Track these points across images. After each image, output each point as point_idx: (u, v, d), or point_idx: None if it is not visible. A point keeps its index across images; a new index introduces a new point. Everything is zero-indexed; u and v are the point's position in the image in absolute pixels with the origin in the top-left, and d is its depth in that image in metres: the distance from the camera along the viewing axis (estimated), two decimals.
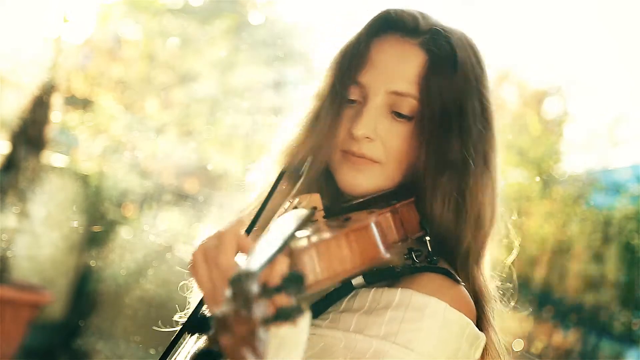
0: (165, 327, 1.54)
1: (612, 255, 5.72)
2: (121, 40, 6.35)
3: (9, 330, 4.85)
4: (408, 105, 1.35)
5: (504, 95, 6.84)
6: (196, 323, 0.86)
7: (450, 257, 1.35)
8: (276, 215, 1.31)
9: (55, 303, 5.43)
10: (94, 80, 6.11)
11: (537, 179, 5.97)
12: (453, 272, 1.32)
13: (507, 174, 6.19)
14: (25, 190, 5.27)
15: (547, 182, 6.06)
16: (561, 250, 5.81)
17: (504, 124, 6.62)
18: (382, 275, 1.30)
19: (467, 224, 1.34)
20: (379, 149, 1.35)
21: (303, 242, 1.11)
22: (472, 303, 1.31)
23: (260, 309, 0.86)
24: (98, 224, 5.75)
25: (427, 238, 1.32)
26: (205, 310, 1.19)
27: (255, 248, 1.05)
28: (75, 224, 5.70)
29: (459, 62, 1.36)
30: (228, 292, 0.88)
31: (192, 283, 1.48)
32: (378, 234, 1.15)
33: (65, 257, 5.69)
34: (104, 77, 6.18)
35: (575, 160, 6.48)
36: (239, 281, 0.89)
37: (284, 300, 0.90)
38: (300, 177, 1.31)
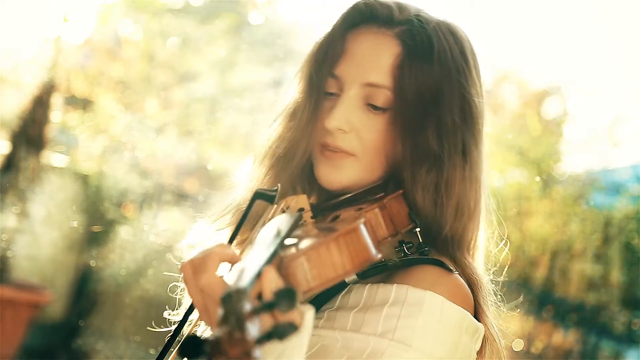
0: (164, 327, 1.54)
1: (612, 255, 5.72)
2: (121, 40, 6.34)
3: (9, 330, 4.85)
4: (383, 97, 1.33)
5: (504, 95, 6.84)
6: (190, 346, 0.84)
7: (435, 244, 1.34)
8: (262, 221, 1.29)
9: (55, 303, 5.42)
10: (94, 80, 6.11)
11: (537, 179, 5.97)
12: (445, 261, 1.31)
13: (507, 174, 6.19)
14: (25, 190, 5.27)
15: (547, 182, 6.05)
16: (561, 250, 5.80)
17: (504, 124, 6.62)
18: (374, 271, 1.29)
19: (446, 213, 1.32)
20: (354, 141, 1.34)
21: (292, 250, 1.10)
22: (469, 291, 1.30)
23: (254, 328, 0.84)
24: (98, 224, 5.74)
25: (417, 229, 1.31)
26: (197, 330, 1.18)
27: (244, 260, 1.03)
28: (75, 224, 5.69)
29: (436, 52, 1.33)
30: (220, 312, 0.86)
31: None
32: (368, 234, 1.13)
33: (65, 257, 5.69)
34: (104, 77, 6.18)
35: (575, 160, 6.48)
36: (229, 300, 0.87)
37: (277, 316, 0.89)
38: (273, 201, 1.28)
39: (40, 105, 5.27)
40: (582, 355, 5.62)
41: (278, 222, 1.20)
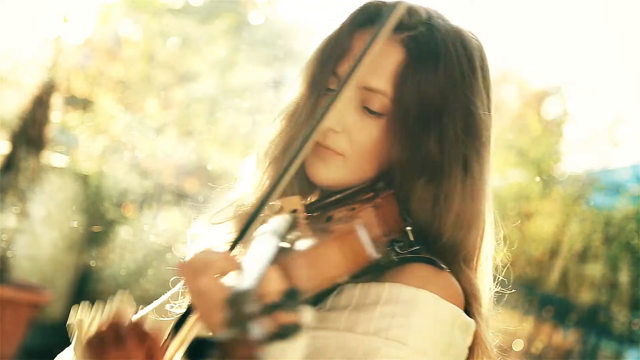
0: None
1: (612, 255, 5.73)
2: (121, 40, 6.35)
3: (9, 330, 4.85)
4: (379, 102, 1.32)
5: (504, 95, 6.85)
6: (197, 348, 0.84)
7: (432, 250, 1.33)
8: (257, 223, 1.29)
9: (55, 303, 5.42)
10: (94, 80, 6.12)
11: (537, 179, 5.98)
12: (436, 259, 1.30)
13: (507, 174, 6.20)
14: (25, 190, 5.27)
15: (547, 182, 6.06)
16: (561, 251, 5.81)
17: (504, 124, 6.64)
18: (366, 270, 1.25)
19: (444, 223, 1.31)
20: (343, 141, 1.33)
21: (291, 251, 1.10)
22: (460, 288, 1.30)
23: (261, 329, 0.84)
24: (98, 224, 5.75)
25: (408, 228, 1.30)
26: (201, 331, 1.18)
27: (242, 265, 1.03)
28: (75, 224, 5.70)
29: (442, 62, 1.31)
30: (225, 313, 0.86)
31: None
32: (365, 234, 1.14)
33: (65, 257, 5.69)
34: (104, 77, 6.19)
35: (575, 160, 6.49)
36: (235, 301, 0.87)
37: (283, 316, 0.88)
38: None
39: (40, 105, 5.27)
40: (582, 355, 5.62)
41: (273, 224, 1.19)
